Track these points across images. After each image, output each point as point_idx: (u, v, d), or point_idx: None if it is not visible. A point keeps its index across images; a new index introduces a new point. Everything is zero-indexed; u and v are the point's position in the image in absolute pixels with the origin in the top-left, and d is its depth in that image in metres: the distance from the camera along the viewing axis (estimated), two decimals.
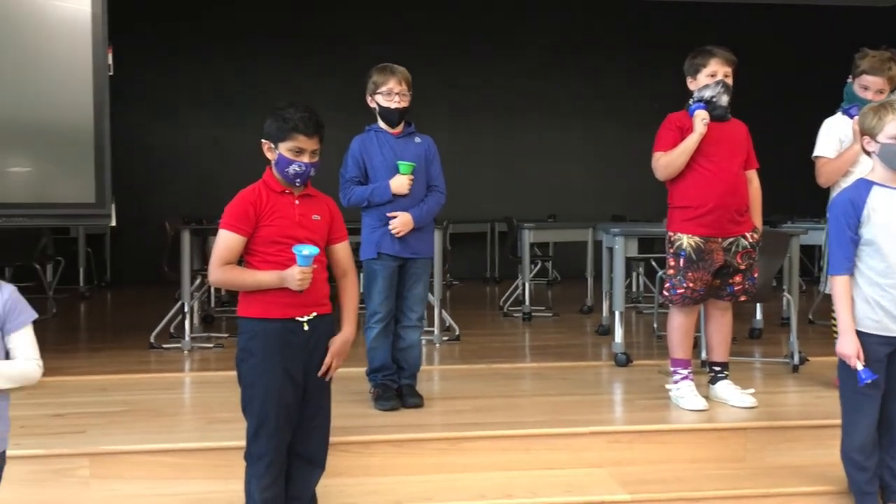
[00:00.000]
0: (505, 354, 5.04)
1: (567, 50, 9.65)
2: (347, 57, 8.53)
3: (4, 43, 4.22)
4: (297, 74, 9.00)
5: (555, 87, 9.70)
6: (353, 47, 8.81)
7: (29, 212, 4.28)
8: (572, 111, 9.80)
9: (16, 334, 2.26)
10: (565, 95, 9.74)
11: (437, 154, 3.81)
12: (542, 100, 9.70)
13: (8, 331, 2.25)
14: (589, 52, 9.66)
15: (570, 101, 9.78)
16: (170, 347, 5.11)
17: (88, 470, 3.02)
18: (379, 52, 4.37)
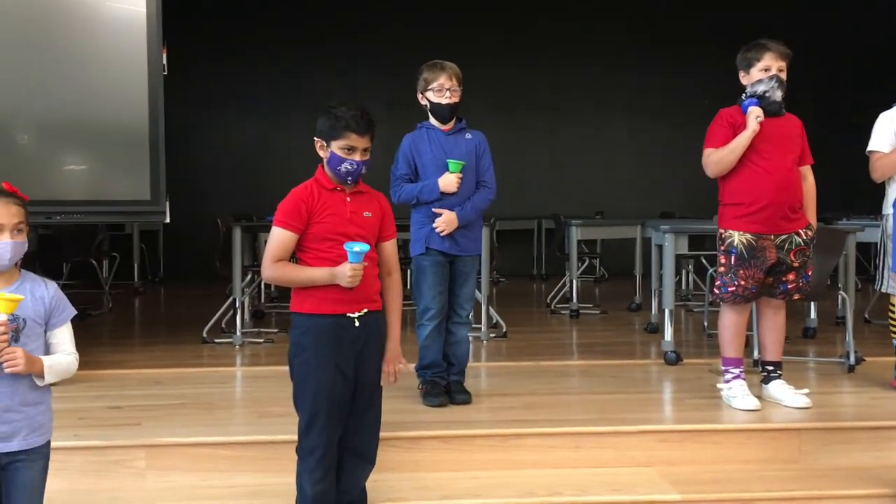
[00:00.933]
0: (552, 352, 5.03)
1: (617, 44, 9.56)
2: (398, 55, 8.56)
3: (61, 43, 4.33)
4: (349, 73, 9.06)
5: (604, 82, 9.62)
6: (402, 45, 8.85)
7: (87, 209, 4.39)
8: (621, 106, 9.72)
9: (59, 330, 2.34)
10: (614, 90, 9.65)
11: (487, 149, 3.81)
12: (591, 95, 9.63)
13: (52, 326, 2.33)
14: (639, 46, 9.56)
15: (620, 96, 9.69)
16: (221, 342, 5.21)
17: (145, 461, 3.09)
18: (428, 50, 4.38)
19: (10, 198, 2.26)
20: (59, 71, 4.31)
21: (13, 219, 2.23)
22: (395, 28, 9.24)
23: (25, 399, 2.25)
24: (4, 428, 2.22)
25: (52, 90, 4.29)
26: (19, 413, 2.24)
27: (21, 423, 2.25)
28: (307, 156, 2.84)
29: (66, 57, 4.33)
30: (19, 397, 2.24)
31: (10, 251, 2.23)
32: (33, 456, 2.28)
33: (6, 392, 2.22)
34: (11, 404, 2.23)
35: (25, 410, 2.25)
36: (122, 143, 4.43)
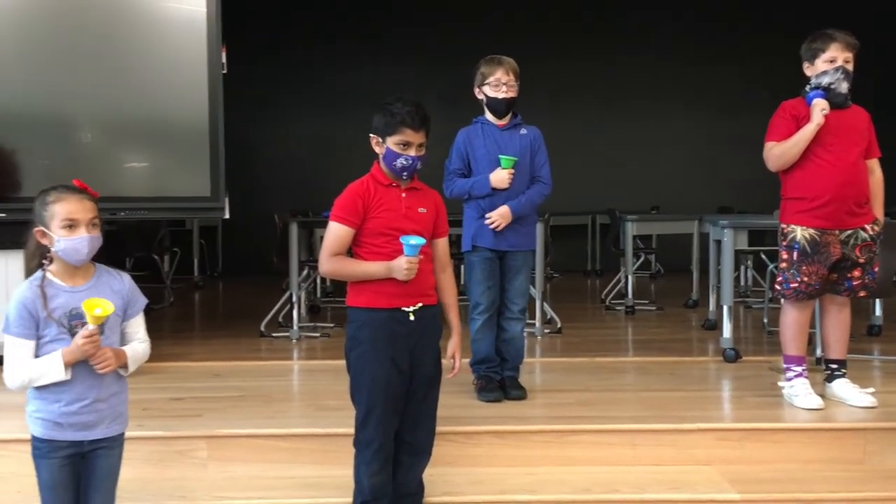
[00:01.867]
0: (607, 348, 4.98)
1: (673, 35, 9.41)
2: (454, 50, 8.57)
3: (123, 44, 4.44)
4: (404, 68, 9.10)
5: (661, 74, 9.47)
6: (458, 40, 8.85)
7: (150, 205, 4.50)
8: (679, 99, 9.55)
9: (133, 319, 2.42)
10: (672, 82, 9.50)
11: (543, 145, 3.79)
12: (648, 88, 9.49)
13: (128, 316, 2.40)
14: (697, 36, 9.40)
15: (677, 88, 9.53)
16: (279, 336, 5.29)
17: (206, 452, 3.16)
18: (484, 44, 4.38)
19: (83, 194, 2.33)
20: (122, 71, 4.42)
21: (88, 214, 2.30)
22: (452, 23, 9.25)
23: (110, 390, 2.35)
24: (91, 417, 2.30)
25: (114, 90, 4.40)
26: (105, 403, 2.33)
27: (105, 413, 2.34)
28: (363, 151, 2.86)
29: (128, 58, 4.44)
30: (105, 389, 2.33)
31: (87, 245, 2.29)
32: (112, 444, 2.37)
33: (94, 384, 2.30)
34: (100, 395, 2.31)
35: (109, 400, 2.34)
36: (182, 140, 4.53)
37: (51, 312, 2.24)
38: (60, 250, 2.28)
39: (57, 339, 2.25)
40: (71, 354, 2.24)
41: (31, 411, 2.32)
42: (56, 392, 2.27)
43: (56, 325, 2.25)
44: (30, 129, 4.32)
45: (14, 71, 4.27)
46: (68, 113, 4.39)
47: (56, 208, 2.27)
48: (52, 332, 2.25)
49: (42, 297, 2.25)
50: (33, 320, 2.24)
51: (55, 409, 2.28)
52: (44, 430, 2.29)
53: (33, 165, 4.34)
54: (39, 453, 2.30)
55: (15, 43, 4.29)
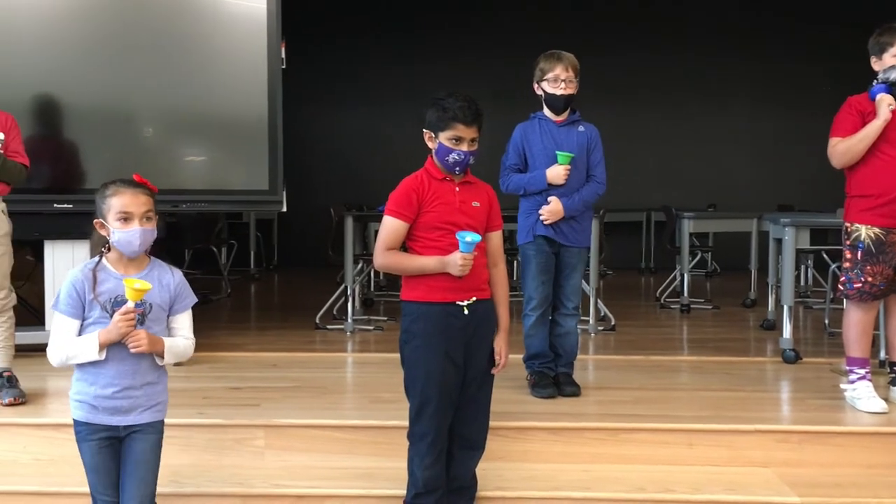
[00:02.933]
0: (662, 346, 4.93)
1: (732, 28, 9.23)
2: (508, 45, 8.56)
3: (184, 39, 4.53)
4: (459, 62, 9.10)
5: (720, 70, 9.30)
6: (513, 35, 8.84)
7: (210, 198, 4.59)
8: (738, 94, 9.36)
9: (180, 315, 2.49)
10: (731, 77, 9.32)
11: (599, 143, 3.76)
12: (704, 82, 9.33)
13: (174, 311, 2.47)
14: (757, 31, 9.20)
15: (737, 84, 9.35)
16: (333, 328, 5.35)
17: (264, 441, 3.22)
18: (540, 39, 4.36)
19: (139, 188, 2.40)
20: (183, 67, 4.51)
21: (142, 207, 2.37)
22: (505, 17, 9.22)
23: (145, 379, 2.41)
24: (125, 403, 2.38)
25: (175, 85, 4.50)
26: (139, 391, 2.40)
27: (139, 400, 2.41)
28: (417, 146, 2.87)
29: (190, 53, 4.53)
30: (140, 377, 2.40)
31: (138, 238, 2.36)
32: (148, 430, 2.44)
33: (129, 371, 2.38)
34: (133, 383, 2.39)
35: (144, 389, 2.41)
36: (241, 134, 4.61)
37: (97, 296, 2.34)
38: (115, 241, 2.37)
39: (98, 321, 2.35)
40: (107, 334, 2.32)
41: (71, 394, 2.42)
42: (93, 375, 2.37)
43: (100, 308, 2.34)
44: (95, 123, 4.44)
45: (81, 68, 4.39)
46: (131, 108, 4.50)
47: (112, 201, 2.36)
48: (96, 314, 2.35)
49: (92, 281, 2.35)
50: (80, 301, 2.34)
51: (91, 391, 2.37)
52: (82, 412, 2.39)
53: (98, 159, 4.46)
54: (80, 436, 2.41)
55: (82, 41, 4.41)
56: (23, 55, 4.22)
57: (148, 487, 2.44)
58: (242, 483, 3.01)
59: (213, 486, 2.98)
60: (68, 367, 2.42)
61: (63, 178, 4.41)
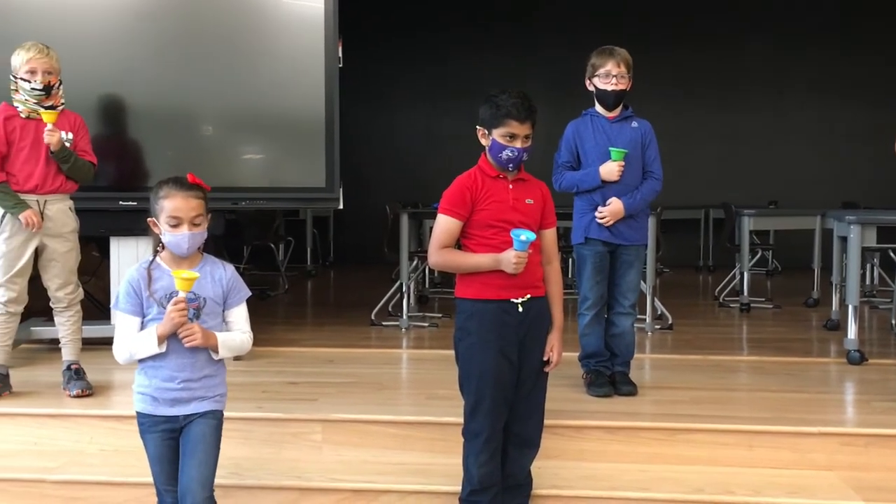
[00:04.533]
0: (721, 346, 4.84)
1: (793, 21, 9.01)
2: (562, 42, 8.51)
3: (243, 39, 4.60)
4: (512, 59, 9.08)
5: (781, 63, 9.09)
6: (567, 32, 8.77)
7: (268, 195, 4.66)
8: (800, 88, 9.14)
9: (235, 309, 2.53)
10: (793, 71, 9.10)
11: (654, 139, 3.71)
12: (766, 77, 9.13)
13: (229, 305, 2.52)
14: (819, 26, 8.96)
15: (799, 78, 9.12)
16: (388, 325, 5.38)
17: (321, 435, 3.26)
18: (594, 36, 4.32)
19: (191, 191, 2.43)
20: (242, 66, 4.58)
21: (191, 213, 2.42)
22: (560, 14, 9.16)
23: (203, 372, 2.47)
24: (183, 395, 2.45)
25: (234, 84, 4.57)
26: (198, 383, 2.46)
27: (198, 392, 2.47)
28: (471, 143, 2.87)
29: (248, 52, 4.60)
30: (198, 370, 2.46)
31: (187, 242, 2.43)
32: (207, 416, 2.49)
33: (187, 364, 2.44)
34: (192, 375, 2.45)
35: (203, 381, 2.47)
36: (299, 132, 4.66)
37: (152, 293, 2.40)
38: (166, 242, 2.45)
39: (157, 318, 2.41)
40: (163, 327, 2.38)
41: (134, 388, 2.49)
42: (153, 369, 2.44)
43: (157, 305, 2.40)
44: (158, 122, 4.54)
45: (145, 68, 4.50)
46: (192, 107, 4.59)
47: (164, 204, 2.42)
48: (154, 311, 2.41)
49: (147, 279, 2.42)
50: (138, 298, 2.41)
51: (153, 384, 2.44)
52: (143, 405, 2.46)
53: (161, 157, 4.57)
54: (143, 428, 2.48)
55: (146, 42, 4.51)
56: (90, 57, 4.34)
57: (206, 469, 2.45)
58: (300, 476, 3.05)
59: (272, 478, 3.03)
60: (133, 362, 2.48)
61: (128, 176, 4.52)
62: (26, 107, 3.55)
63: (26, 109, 3.55)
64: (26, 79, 3.51)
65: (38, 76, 3.51)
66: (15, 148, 3.54)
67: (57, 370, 3.76)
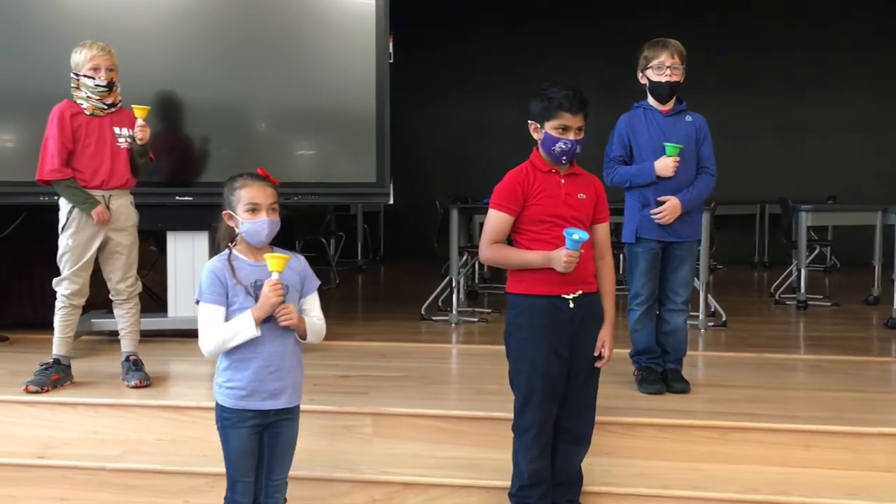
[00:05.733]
0: (777, 344, 4.74)
1: (854, 15, 8.77)
2: (612, 35, 8.42)
3: (295, 36, 4.65)
4: (562, 54, 9.01)
5: (838, 59, 8.86)
6: (617, 25, 8.67)
7: (320, 190, 4.71)
8: (861, 82, 8.89)
9: (309, 297, 2.57)
10: (852, 64, 8.86)
11: (708, 134, 3.64)
12: (823, 70, 8.91)
13: (304, 294, 2.55)
14: (879, 19, 8.71)
15: (859, 71, 8.88)
16: (438, 319, 5.40)
17: (372, 428, 3.28)
18: (646, 29, 4.26)
19: (265, 181, 2.49)
20: (294, 62, 4.64)
21: (268, 199, 2.46)
22: (613, 6, 9.06)
23: (292, 360, 2.51)
24: (277, 385, 2.46)
25: (287, 81, 4.63)
26: (288, 372, 2.49)
27: (287, 382, 2.50)
28: (521, 138, 2.86)
29: (300, 49, 4.65)
30: (288, 358, 2.49)
31: (266, 227, 2.46)
32: (292, 415, 2.55)
33: (279, 351, 2.46)
34: (283, 364, 2.47)
35: (292, 371, 2.51)
36: (350, 128, 4.70)
37: (240, 280, 2.42)
38: (244, 232, 2.46)
39: (244, 306, 2.42)
40: (259, 309, 2.40)
41: (220, 382, 2.48)
42: (246, 360, 2.44)
43: (244, 291, 2.42)
44: (213, 119, 4.62)
45: (200, 66, 4.58)
46: (246, 103, 4.66)
47: (241, 193, 2.45)
48: (240, 299, 2.42)
49: (230, 268, 2.44)
50: (223, 287, 2.42)
51: (245, 376, 2.44)
52: (233, 399, 2.46)
53: (216, 153, 4.65)
54: (228, 423, 2.47)
55: (200, 41, 4.60)
56: (147, 55, 4.43)
57: (289, 466, 2.58)
58: (352, 469, 3.08)
59: (324, 470, 3.07)
60: (190, 353, 2.53)
61: (184, 171, 4.61)
62: (89, 104, 3.65)
63: (90, 106, 3.65)
64: (90, 75, 3.60)
65: (102, 73, 3.61)
66: (81, 144, 3.64)
67: (116, 361, 3.85)
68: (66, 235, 3.65)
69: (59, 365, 3.67)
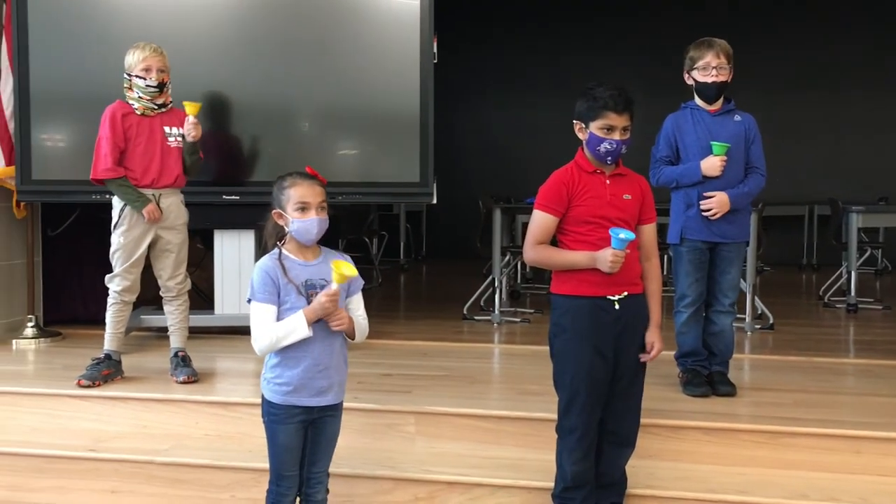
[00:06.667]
0: (826, 347, 4.64)
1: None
2: (656, 35, 8.34)
3: (340, 36, 4.68)
4: (605, 54, 8.95)
5: (891, 55, 8.65)
6: (661, 25, 8.59)
7: (364, 190, 4.74)
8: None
9: (355, 297, 2.60)
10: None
11: (758, 133, 3.59)
12: (875, 69, 8.71)
13: (351, 293, 2.58)
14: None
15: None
16: (480, 319, 5.40)
17: (414, 427, 3.30)
18: (690, 29, 4.20)
19: (314, 180, 2.52)
20: (338, 63, 4.66)
21: (318, 198, 2.49)
22: (656, 6, 8.97)
23: (339, 358, 2.54)
24: (324, 383, 2.50)
25: (330, 80, 4.66)
26: (335, 371, 2.53)
27: (334, 380, 2.53)
28: (565, 138, 2.85)
29: (344, 49, 4.67)
30: (335, 357, 2.52)
31: (316, 226, 2.48)
32: (336, 412, 2.58)
33: (328, 350, 2.50)
34: (330, 362, 2.51)
35: (339, 369, 2.54)
36: (393, 128, 4.72)
37: (291, 280, 2.45)
38: (294, 230, 2.48)
39: (295, 306, 2.45)
40: (312, 312, 2.43)
41: (269, 378, 2.52)
42: (297, 358, 2.47)
43: (295, 291, 2.45)
44: (259, 119, 4.67)
45: (245, 67, 4.64)
46: (290, 103, 4.71)
47: (291, 192, 2.48)
48: (292, 298, 2.45)
49: (281, 268, 2.47)
50: (275, 287, 2.45)
51: (295, 373, 2.47)
52: (281, 396, 2.49)
53: (261, 153, 4.70)
54: (277, 419, 2.51)
55: (246, 42, 4.65)
56: (195, 57, 4.50)
57: (331, 459, 2.64)
58: (394, 467, 3.10)
59: (367, 468, 3.09)
60: (236, 350, 2.56)
61: (231, 171, 4.67)
62: (140, 104, 3.72)
63: (141, 107, 3.73)
64: (141, 76, 3.68)
65: (153, 74, 3.68)
66: (132, 144, 3.72)
67: (165, 357, 3.93)
68: (118, 233, 3.73)
69: (110, 360, 3.75)
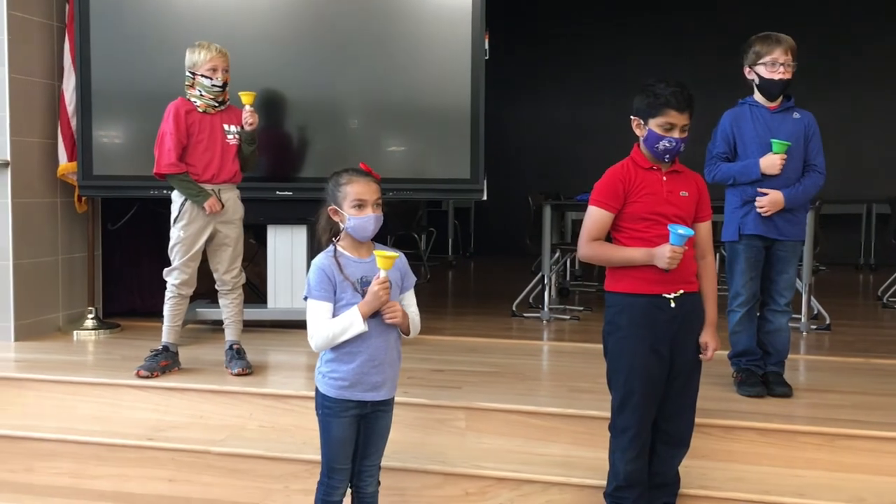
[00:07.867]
0: (885, 349, 4.53)
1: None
2: (712, 31, 8.22)
3: (391, 33, 4.70)
4: (660, 50, 8.85)
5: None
6: (716, 21, 8.46)
7: (414, 186, 4.76)
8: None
9: (409, 293, 2.61)
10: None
11: (817, 131, 3.52)
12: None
13: (404, 289, 2.59)
14: None
15: None
16: (529, 316, 5.39)
17: (464, 422, 3.31)
18: (745, 26, 4.13)
19: (369, 177, 2.54)
20: (388, 59, 4.69)
21: (373, 195, 2.51)
22: (710, 4, 8.83)
23: (393, 354, 2.57)
24: (378, 378, 2.52)
25: (381, 77, 4.68)
26: (389, 367, 2.55)
27: (388, 375, 2.56)
28: (615, 135, 2.83)
29: (394, 46, 4.69)
30: (390, 352, 2.55)
31: (373, 223, 2.51)
32: (388, 407, 2.61)
33: (383, 346, 2.52)
34: (385, 358, 2.53)
35: (393, 364, 2.56)
36: (444, 124, 4.72)
37: (347, 276, 2.47)
38: (350, 227, 2.51)
39: (351, 302, 2.47)
40: (366, 305, 2.45)
41: (325, 372, 2.55)
42: (352, 353, 2.50)
43: (351, 288, 2.47)
44: (311, 115, 4.72)
45: (297, 63, 4.68)
46: (342, 100, 4.74)
47: (348, 189, 2.50)
48: (348, 295, 2.48)
49: (337, 265, 2.49)
50: (331, 284, 2.48)
51: (350, 368, 2.50)
52: (336, 390, 2.52)
53: (313, 149, 4.75)
54: (331, 412, 2.54)
55: (297, 39, 4.70)
56: (248, 54, 4.56)
57: (382, 452, 2.67)
58: (444, 462, 3.12)
59: (417, 462, 3.11)
60: (288, 344, 2.60)
61: (283, 167, 4.74)
62: (202, 101, 3.80)
63: (203, 104, 3.81)
64: (207, 76, 3.77)
65: (219, 73, 3.78)
66: (194, 140, 3.80)
67: (220, 349, 4.00)
68: (177, 227, 3.81)
69: (167, 352, 3.83)
